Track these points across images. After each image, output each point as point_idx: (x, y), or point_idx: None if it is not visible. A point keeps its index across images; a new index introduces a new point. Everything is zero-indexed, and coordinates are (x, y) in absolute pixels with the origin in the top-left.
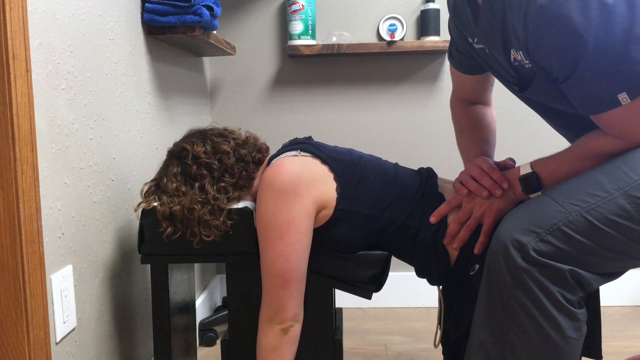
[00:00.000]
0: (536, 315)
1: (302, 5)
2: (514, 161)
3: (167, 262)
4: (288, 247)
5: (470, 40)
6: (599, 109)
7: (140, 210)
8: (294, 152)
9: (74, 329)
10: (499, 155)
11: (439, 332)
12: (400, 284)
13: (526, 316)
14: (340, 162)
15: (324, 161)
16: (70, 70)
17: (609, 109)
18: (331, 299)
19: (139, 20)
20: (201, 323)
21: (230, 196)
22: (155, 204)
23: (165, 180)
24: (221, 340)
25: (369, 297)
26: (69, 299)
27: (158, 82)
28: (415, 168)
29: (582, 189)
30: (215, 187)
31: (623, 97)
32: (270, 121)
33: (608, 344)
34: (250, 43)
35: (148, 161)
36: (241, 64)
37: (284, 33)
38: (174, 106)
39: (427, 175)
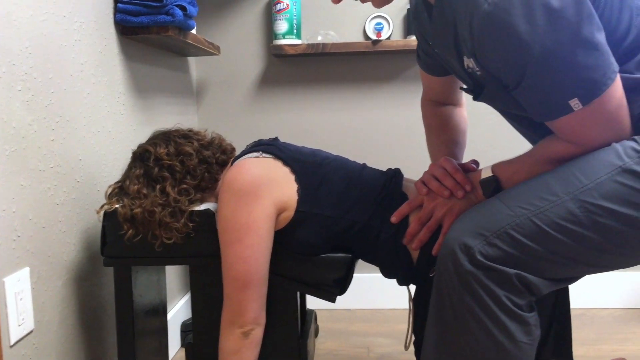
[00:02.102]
0: (484, 319)
1: (287, 5)
2: (477, 164)
3: (130, 265)
4: (247, 250)
5: (430, 43)
6: (551, 116)
7: (102, 212)
8: (255, 154)
9: (31, 332)
10: (490, 154)
11: (411, 334)
12: (388, 285)
13: (474, 320)
14: (302, 163)
15: (285, 162)
16: (27, 72)
17: (561, 115)
18: (296, 301)
19: (111, 20)
20: (183, 324)
21: (192, 198)
22: (117, 206)
23: (127, 183)
24: (185, 344)
25: (333, 300)
26: (24, 301)
27: (134, 82)
28: (403, 168)
29: (533, 192)
30: (176, 189)
31: (575, 103)
32: (257, 121)
33: (596, 347)
34: (236, 43)
35: (122, 162)
36: (227, 64)
37: (270, 33)
38: (153, 106)
39: (392, 175)
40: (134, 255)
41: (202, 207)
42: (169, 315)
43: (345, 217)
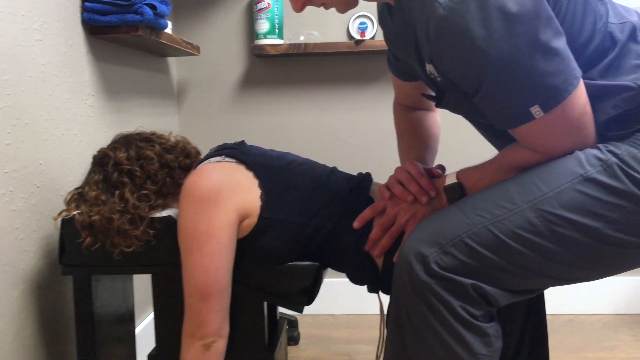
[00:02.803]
0: (440, 330)
1: (268, 4)
2: (443, 169)
3: (89, 273)
4: (207, 259)
5: (395, 48)
6: (512, 124)
7: (60, 219)
8: (218, 158)
9: None
10: (477, 159)
11: (383, 343)
12: None
13: (430, 332)
14: (267, 167)
15: (249, 167)
16: None
17: (522, 123)
18: (262, 312)
19: (79, 19)
20: None
21: (153, 204)
22: (75, 212)
23: (87, 189)
24: (148, 355)
25: (300, 311)
26: None
27: (105, 83)
28: (387, 170)
29: (491, 200)
30: (135, 195)
31: (536, 110)
32: (239, 122)
33: (581, 355)
34: (217, 43)
35: (89, 166)
36: (209, 64)
37: (252, 32)
38: (129, 108)
39: (361, 179)
40: (93, 263)
41: (164, 213)
42: (144, 323)
43: (310, 224)
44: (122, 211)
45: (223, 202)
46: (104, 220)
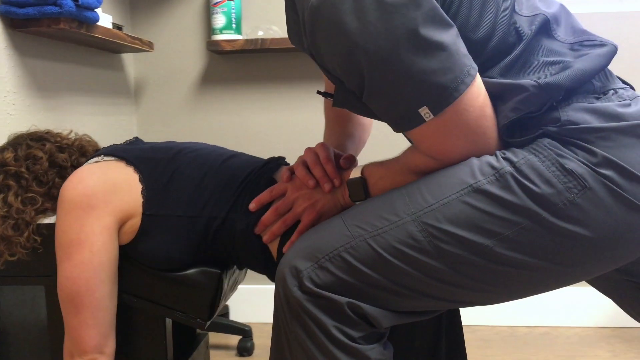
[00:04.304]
0: (315, 354)
1: None
2: (350, 160)
3: None
4: (77, 269)
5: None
6: (403, 127)
7: None
8: (96, 158)
9: None
10: None
11: None
12: None
13: (305, 354)
14: (149, 160)
15: (129, 162)
16: None
17: (413, 126)
18: (163, 326)
19: None
20: None
21: (39, 208)
22: None
23: None
24: None
25: (202, 327)
26: None
27: (33, 80)
28: None
29: (375, 210)
30: (20, 199)
31: (425, 112)
32: (198, 120)
33: None
34: (175, 39)
35: None
36: (166, 61)
37: (210, 28)
38: (69, 107)
39: (267, 162)
40: None
41: (54, 218)
42: None
43: (201, 215)
44: (5, 216)
45: (98, 206)
46: None
